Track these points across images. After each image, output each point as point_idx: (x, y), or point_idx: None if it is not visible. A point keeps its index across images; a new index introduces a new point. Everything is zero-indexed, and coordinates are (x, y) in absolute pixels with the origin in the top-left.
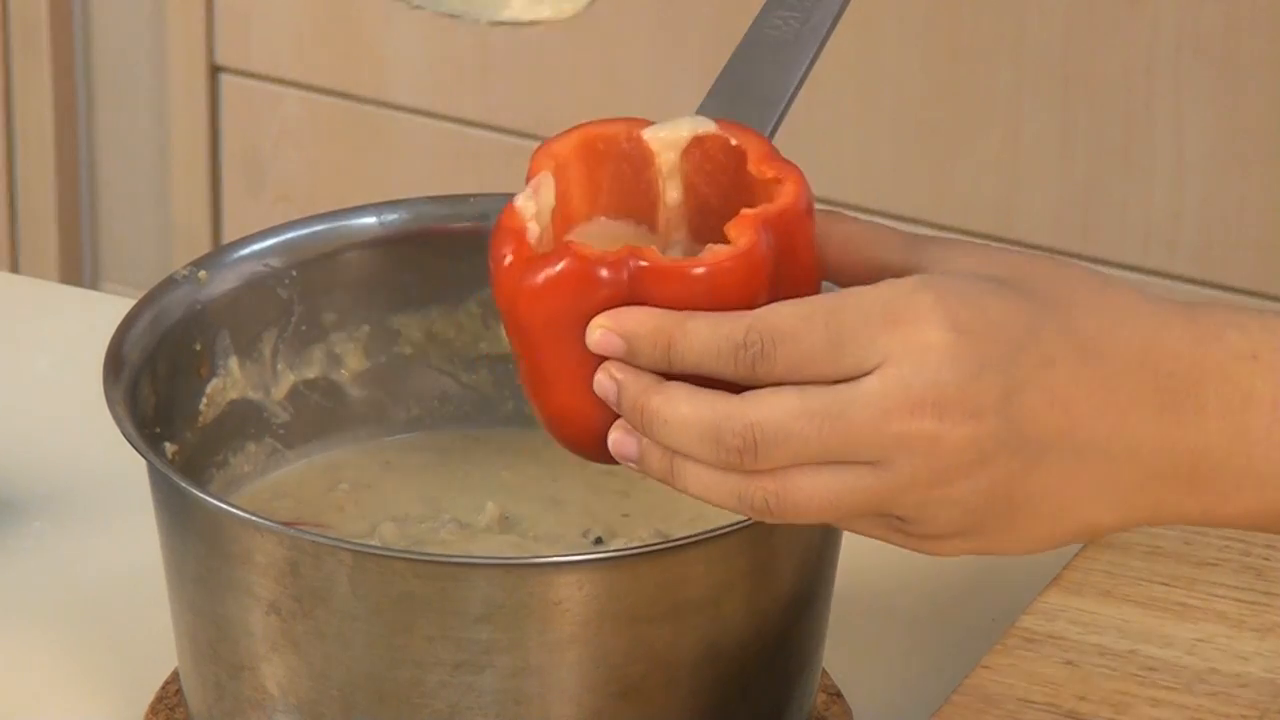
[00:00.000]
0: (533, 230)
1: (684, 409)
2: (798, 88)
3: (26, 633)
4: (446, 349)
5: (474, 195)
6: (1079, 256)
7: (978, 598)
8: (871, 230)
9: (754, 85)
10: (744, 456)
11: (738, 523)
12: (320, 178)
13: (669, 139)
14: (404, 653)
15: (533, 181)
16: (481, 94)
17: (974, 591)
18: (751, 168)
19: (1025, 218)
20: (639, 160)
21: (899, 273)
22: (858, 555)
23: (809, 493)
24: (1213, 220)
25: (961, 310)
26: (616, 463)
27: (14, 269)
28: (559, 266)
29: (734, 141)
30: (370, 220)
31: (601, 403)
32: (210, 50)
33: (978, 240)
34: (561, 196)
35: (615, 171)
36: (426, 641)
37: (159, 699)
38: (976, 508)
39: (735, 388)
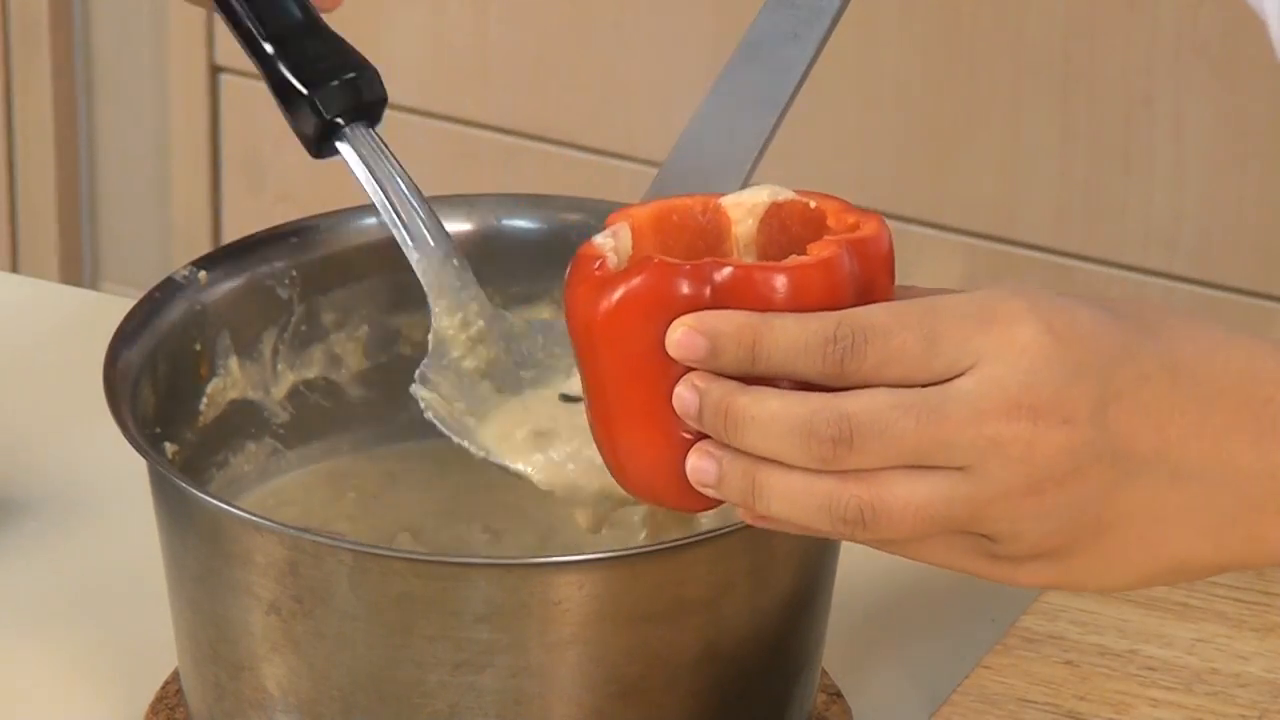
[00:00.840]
0: (611, 259)
1: (774, 404)
2: (798, 88)
3: (26, 633)
4: None
5: (474, 196)
6: (1079, 257)
7: (978, 598)
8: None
9: (754, 85)
10: (838, 448)
11: (738, 523)
12: (320, 178)
13: (747, 205)
14: (404, 653)
15: (611, 228)
16: (481, 94)
17: (974, 591)
18: (832, 221)
19: (1025, 218)
20: (714, 233)
21: None
22: (858, 556)
23: (904, 499)
24: (1213, 220)
25: (1056, 317)
26: (690, 507)
27: (14, 269)
28: (638, 279)
29: (813, 204)
30: (370, 220)
31: (678, 437)
32: (210, 50)
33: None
34: (636, 254)
35: (690, 244)
36: (426, 641)
37: (159, 699)
38: (1067, 523)
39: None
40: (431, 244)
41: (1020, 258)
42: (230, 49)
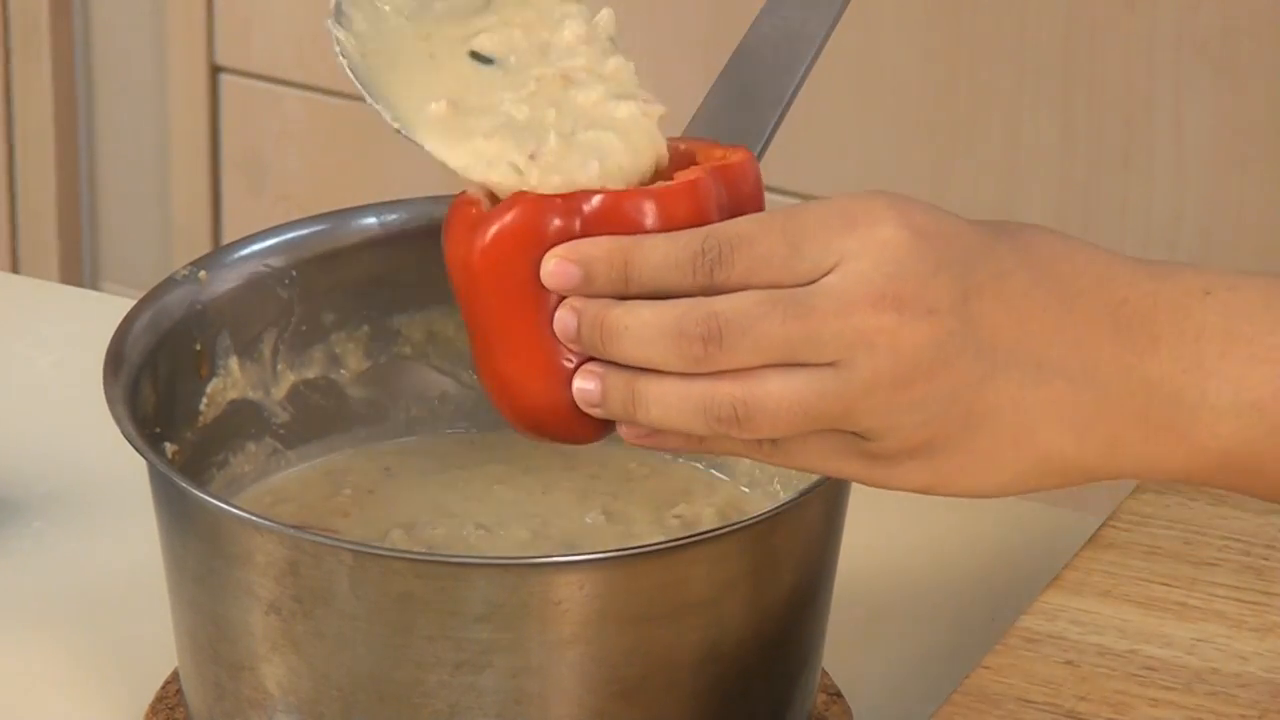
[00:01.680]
0: (485, 203)
1: (645, 312)
2: (798, 88)
3: (26, 633)
4: (446, 349)
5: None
6: None
7: (978, 598)
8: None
9: (754, 85)
10: (709, 346)
11: (738, 522)
12: (320, 178)
13: None
14: (404, 653)
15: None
16: None
17: (974, 591)
18: (700, 157)
19: (1025, 218)
20: None
21: None
22: (858, 555)
23: (776, 395)
24: (1213, 220)
25: (917, 215)
26: (577, 437)
27: (14, 269)
28: (510, 215)
29: (683, 146)
30: (370, 220)
31: (560, 368)
32: (210, 50)
33: None
34: None
35: None
36: (426, 641)
37: (159, 699)
38: (937, 415)
39: None
40: None
41: None
42: (230, 49)
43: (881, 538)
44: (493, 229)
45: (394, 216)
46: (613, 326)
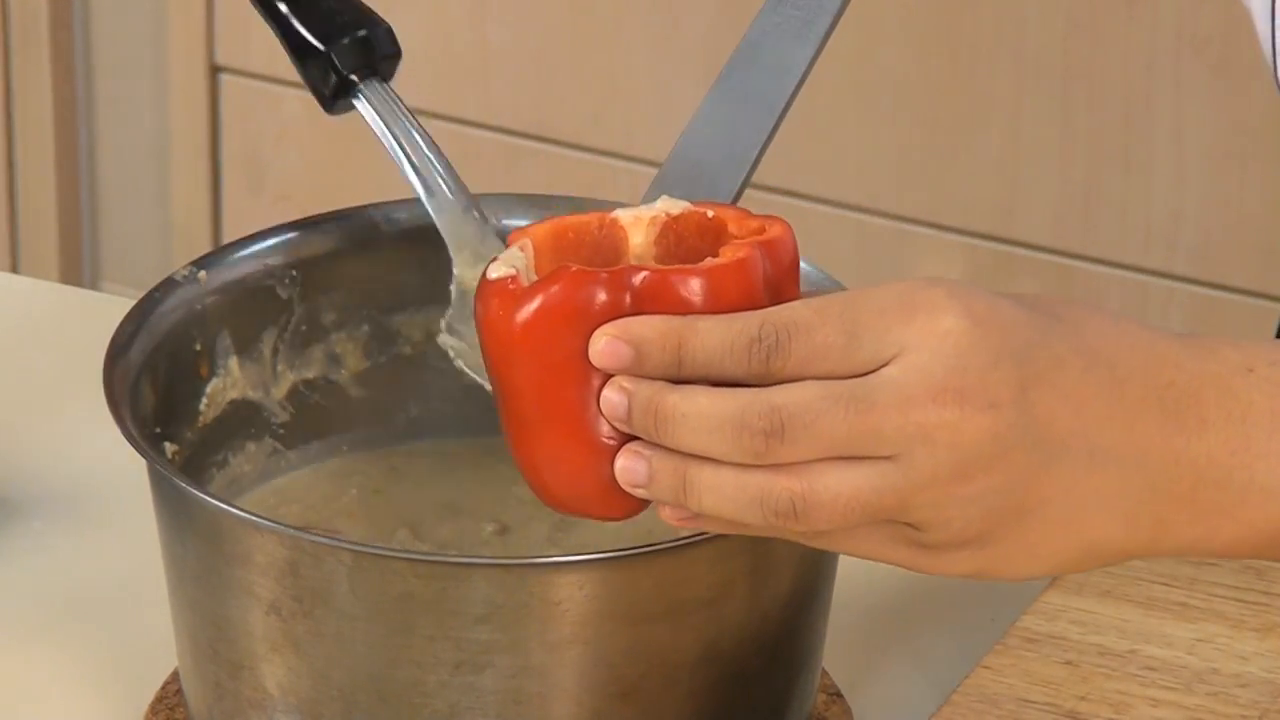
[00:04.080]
0: (523, 277)
1: (703, 400)
2: (798, 88)
3: (26, 633)
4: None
5: (474, 196)
6: (1079, 256)
7: (978, 598)
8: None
9: (754, 85)
10: (770, 441)
11: None
12: (320, 178)
13: (644, 219)
14: (404, 653)
15: (513, 245)
16: (481, 94)
17: (974, 591)
18: (733, 228)
19: (1025, 218)
20: (610, 248)
21: None
22: (854, 555)
23: (834, 490)
24: (1213, 220)
25: (975, 303)
26: (614, 514)
27: (14, 269)
28: (555, 288)
29: (710, 214)
30: (370, 220)
31: (601, 444)
32: (210, 50)
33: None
34: (539, 271)
35: (588, 260)
36: (426, 641)
37: (159, 699)
38: (991, 510)
39: None
40: (450, 196)
41: (1020, 258)
42: (230, 49)
43: None
44: (536, 301)
45: (394, 216)
46: (668, 414)
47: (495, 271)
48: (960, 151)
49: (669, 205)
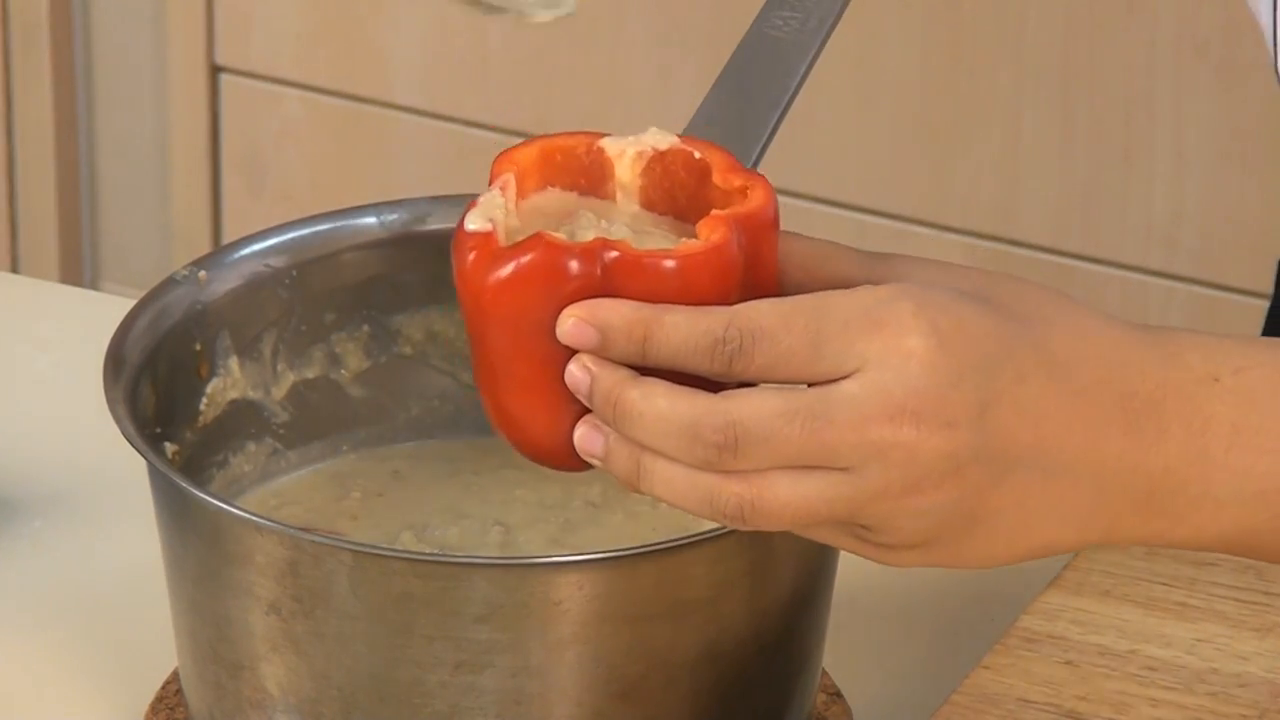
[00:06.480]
0: (499, 231)
1: (661, 403)
2: (798, 88)
3: (26, 632)
4: (446, 349)
5: (474, 195)
6: (1079, 256)
7: (978, 598)
8: (830, 248)
9: (754, 85)
10: (723, 454)
11: None
12: (320, 178)
13: (630, 152)
14: (404, 653)
15: (497, 182)
16: (481, 94)
17: (974, 591)
18: (717, 178)
19: (1025, 218)
20: (597, 174)
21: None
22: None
23: (784, 499)
24: (1213, 220)
25: (941, 320)
26: (575, 468)
27: (14, 269)
28: (528, 257)
29: (697, 155)
30: (370, 220)
31: (564, 404)
32: (210, 50)
33: (932, 259)
34: (521, 188)
35: (573, 182)
36: (426, 641)
37: (159, 699)
38: (941, 520)
39: (704, 385)
40: None
41: (1020, 257)
42: (230, 49)
43: None
44: (510, 266)
45: (394, 216)
46: (627, 409)
47: (472, 223)
48: (960, 151)
49: (657, 139)
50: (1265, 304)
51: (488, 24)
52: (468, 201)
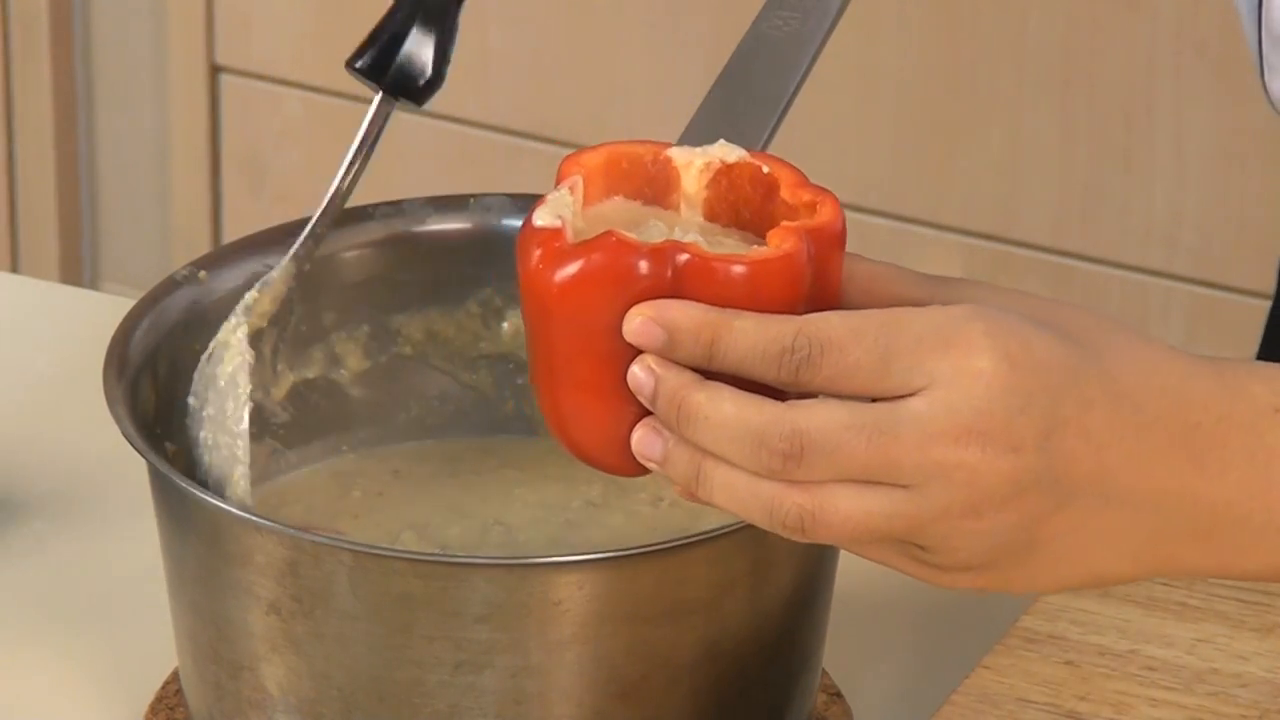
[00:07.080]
0: (567, 228)
1: (728, 408)
2: (798, 88)
3: (27, 633)
4: (446, 349)
5: (474, 195)
6: (1079, 256)
7: (978, 598)
8: (893, 270)
9: (754, 85)
10: (787, 462)
11: (737, 523)
12: (320, 178)
13: (697, 163)
14: (404, 653)
15: (565, 182)
16: (481, 94)
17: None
18: (786, 193)
19: (1025, 218)
20: (662, 183)
21: None
22: (858, 556)
23: (845, 512)
24: (1213, 220)
25: (1011, 343)
26: (629, 472)
27: (14, 269)
28: (598, 255)
29: (766, 169)
30: (371, 220)
31: (623, 406)
32: (210, 50)
33: (985, 282)
34: (588, 195)
35: (638, 190)
36: (426, 641)
37: (159, 699)
38: (999, 544)
39: (767, 394)
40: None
41: (1020, 258)
42: (230, 49)
43: None
44: (578, 263)
45: (394, 216)
46: (692, 411)
47: (541, 219)
48: (960, 151)
49: (725, 152)
50: (1266, 304)
51: (488, 24)
52: (533, 200)
